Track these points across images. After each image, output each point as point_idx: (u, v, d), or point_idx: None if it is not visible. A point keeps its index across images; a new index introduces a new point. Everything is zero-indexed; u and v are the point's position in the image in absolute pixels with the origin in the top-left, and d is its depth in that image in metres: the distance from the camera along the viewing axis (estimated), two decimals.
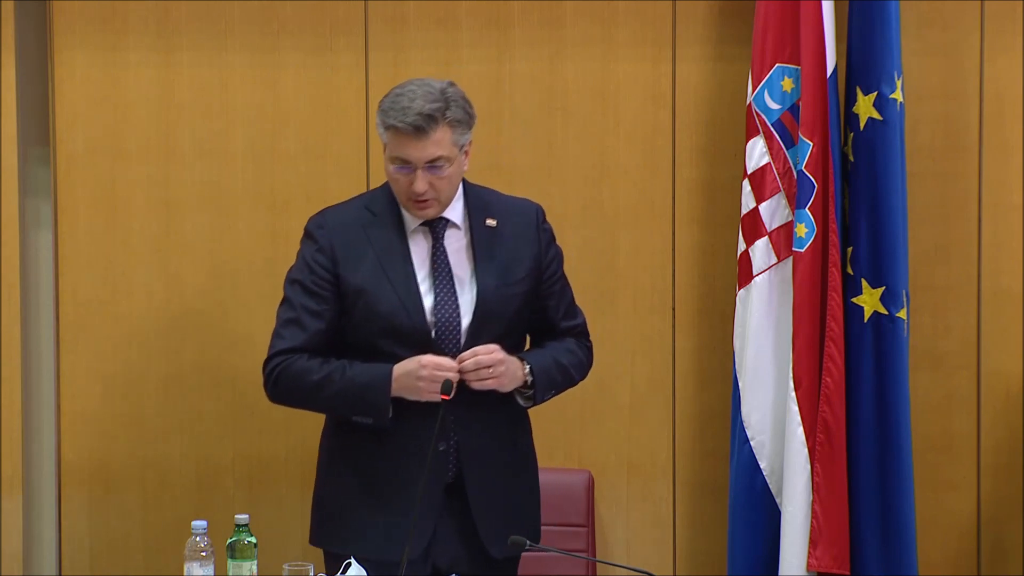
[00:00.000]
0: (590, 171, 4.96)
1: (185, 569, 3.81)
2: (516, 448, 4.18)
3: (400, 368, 3.97)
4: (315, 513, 4.18)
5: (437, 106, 3.97)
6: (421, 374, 3.94)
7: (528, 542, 3.80)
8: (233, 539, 3.81)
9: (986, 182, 4.91)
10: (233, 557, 3.81)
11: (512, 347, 4.09)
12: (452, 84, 4.05)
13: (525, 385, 4.07)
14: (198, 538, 3.82)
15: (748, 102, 4.77)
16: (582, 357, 4.22)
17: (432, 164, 3.97)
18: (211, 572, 3.82)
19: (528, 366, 4.07)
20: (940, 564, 4.92)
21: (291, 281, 4.08)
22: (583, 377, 4.24)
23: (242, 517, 3.82)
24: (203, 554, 3.81)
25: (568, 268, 4.95)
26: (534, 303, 4.15)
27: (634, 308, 4.97)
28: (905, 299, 4.71)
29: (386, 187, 4.11)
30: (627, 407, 4.98)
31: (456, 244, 4.08)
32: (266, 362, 4.06)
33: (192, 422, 4.96)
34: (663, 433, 4.99)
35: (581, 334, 4.25)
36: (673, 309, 4.97)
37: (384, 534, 3.99)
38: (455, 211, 4.09)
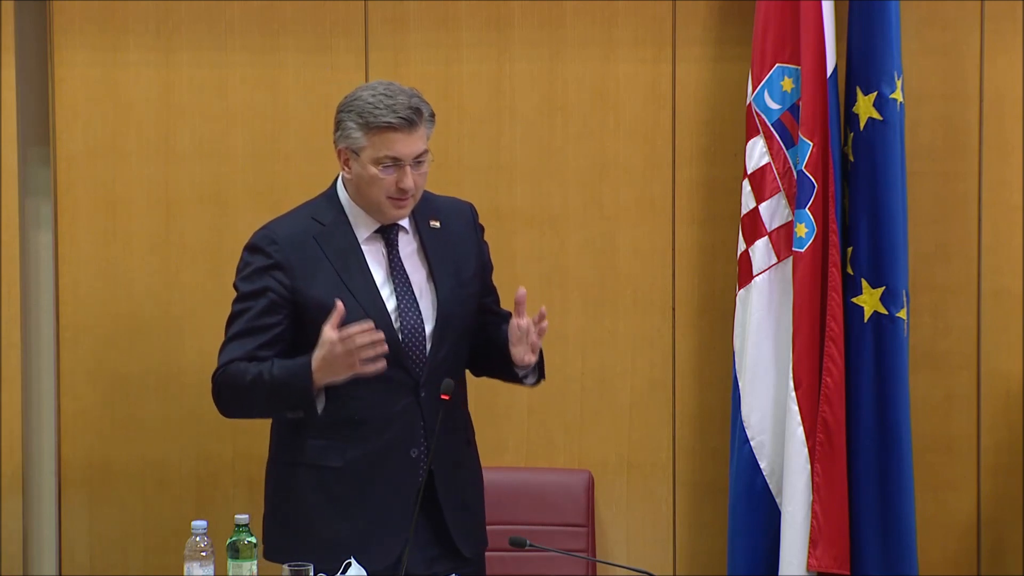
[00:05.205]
0: (590, 171, 4.96)
1: (185, 569, 3.81)
2: (469, 447, 4.18)
3: (316, 354, 3.86)
4: (274, 528, 4.09)
5: (416, 101, 3.97)
6: (336, 351, 3.82)
7: (528, 542, 3.80)
8: (233, 539, 3.81)
9: (986, 182, 4.91)
10: (233, 557, 3.81)
11: (465, 351, 4.11)
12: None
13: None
14: (198, 538, 3.82)
15: (748, 102, 4.77)
16: None
17: (418, 159, 3.97)
18: (211, 572, 3.82)
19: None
20: (940, 564, 4.92)
21: (241, 296, 4.03)
22: None
23: (242, 517, 3.82)
24: (203, 554, 3.81)
25: (568, 268, 4.97)
26: (480, 303, 4.15)
27: (634, 308, 4.97)
28: (905, 299, 4.71)
29: (329, 196, 4.09)
30: (627, 407, 4.98)
31: (408, 248, 4.07)
32: (212, 378, 4.02)
33: (192, 422, 4.96)
34: (663, 433, 4.99)
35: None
36: (673, 309, 4.97)
37: (356, 545, 3.94)
38: None
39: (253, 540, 3.82)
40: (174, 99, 4.96)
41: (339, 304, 3.83)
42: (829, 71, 4.68)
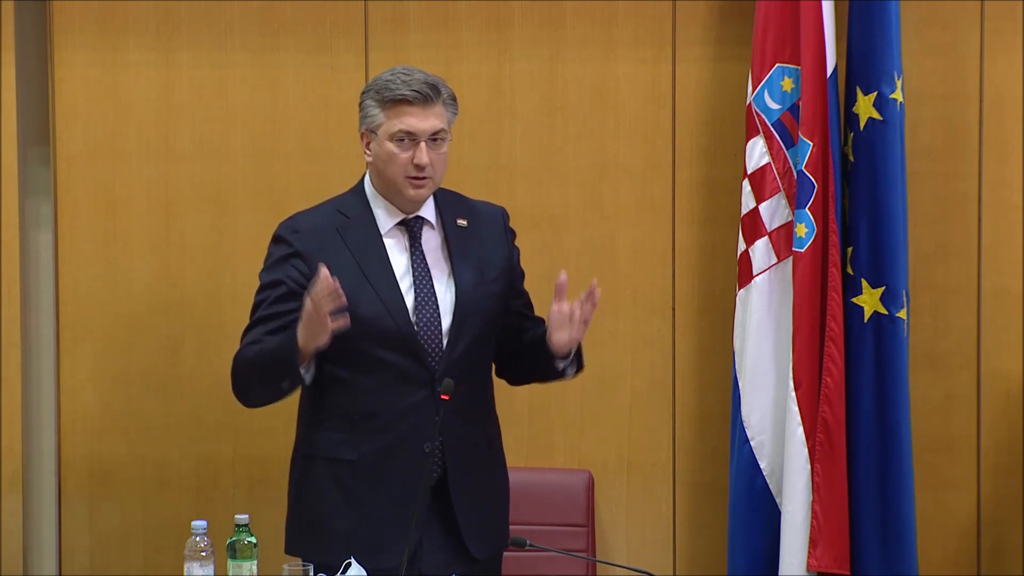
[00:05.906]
0: (590, 171, 4.96)
1: (185, 569, 3.82)
2: (492, 448, 4.17)
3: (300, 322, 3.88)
4: (294, 522, 4.12)
5: (435, 80, 4.01)
6: (309, 312, 3.79)
7: (528, 542, 3.80)
8: (233, 539, 3.81)
9: (986, 182, 4.91)
10: (233, 557, 3.81)
11: (487, 350, 4.11)
12: None
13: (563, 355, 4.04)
14: (198, 538, 3.82)
15: (748, 102, 4.77)
16: None
17: (434, 137, 3.98)
18: (211, 572, 3.82)
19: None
20: (940, 564, 4.92)
21: (262, 287, 4.04)
22: None
23: (242, 517, 3.82)
24: (203, 554, 3.81)
25: (568, 268, 4.95)
26: (506, 304, 4.14)
27: (634, 308, 4.97)
28: (905, 299, 4.71)
29: (356, 190, 4.11)
30: (627, 407, 4.99)
31: (432, 243, 4.08)
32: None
33: (192, 422, 4.96)
34: (663, 433, 4.99)
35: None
36: (673, 309, 4.97)
37: (369, 541, 3.95)
38: (428, 209, 4.08)
39: (253, 540, 3.82)
40: (174, 99, 4.96)
41: (323, 269, 3.80)
42: (829, 71, 4.68)
